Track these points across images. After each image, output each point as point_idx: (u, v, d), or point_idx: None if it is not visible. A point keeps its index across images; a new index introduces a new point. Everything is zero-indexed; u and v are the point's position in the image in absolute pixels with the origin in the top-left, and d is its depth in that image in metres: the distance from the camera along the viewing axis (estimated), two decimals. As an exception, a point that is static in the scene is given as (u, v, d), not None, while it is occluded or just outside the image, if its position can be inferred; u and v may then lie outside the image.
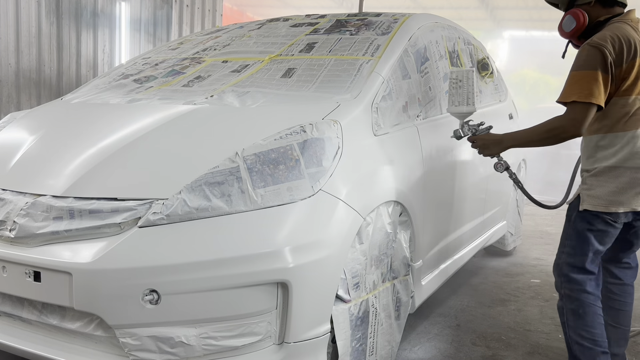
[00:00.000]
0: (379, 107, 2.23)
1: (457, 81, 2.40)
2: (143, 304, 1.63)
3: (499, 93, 3.86)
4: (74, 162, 1.97)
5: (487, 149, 2.33)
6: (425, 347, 2.69)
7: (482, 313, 3.20)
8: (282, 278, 1.68)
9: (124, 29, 5.67)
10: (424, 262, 2.54)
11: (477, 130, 2.39)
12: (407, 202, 2.27)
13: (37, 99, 4.79)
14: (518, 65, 10.33)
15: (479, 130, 2.39)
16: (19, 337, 1.85)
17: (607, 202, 2.09)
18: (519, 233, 4.63)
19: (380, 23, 2.79)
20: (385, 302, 2.17)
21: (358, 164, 2.01)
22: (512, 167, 4.00)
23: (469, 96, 2.38)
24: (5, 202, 1.90)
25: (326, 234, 1.79)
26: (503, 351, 2.70)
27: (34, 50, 4.73)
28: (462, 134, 2.43)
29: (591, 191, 2.12)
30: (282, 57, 2.61)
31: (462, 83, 2.39)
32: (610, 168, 2.09)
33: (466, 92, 2.38)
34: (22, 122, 2.48)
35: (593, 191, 2.11)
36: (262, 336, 1.74)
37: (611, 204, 2.08)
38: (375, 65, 2.38)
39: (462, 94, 2.39)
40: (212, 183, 1.74)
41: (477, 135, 2.37)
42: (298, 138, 1.86)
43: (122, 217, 1.72)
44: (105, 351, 1.75)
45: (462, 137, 2.44)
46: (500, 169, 2.39)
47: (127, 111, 2.32)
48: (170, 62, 2.86)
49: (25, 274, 1.77)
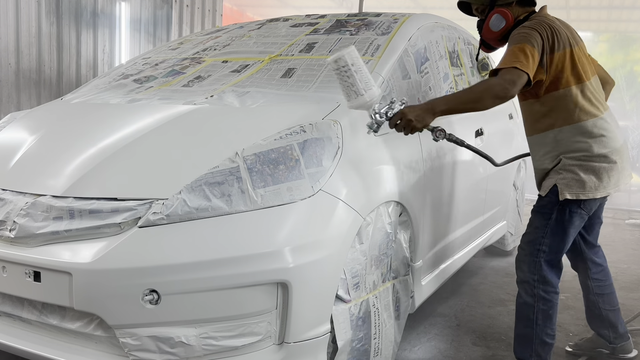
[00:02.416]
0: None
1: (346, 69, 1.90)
2: (143, 304, 1.63)
3: (499, 93, 3.85)
4: (74, 162, 1.97)
5: (420, 121, 1.99)
6: (425, 347, 2.69)
7: (482, 313, 3.20)
8: (282, 278, 1.68)
9: (124, 29, 5.66)
10: (424, 262, 2.54)
11: (392, 110, 2.00)
12: (407, 202, 2.27)
13: (37, 99, 4.78)
14: (517, 66, 10.29)
15: (393, 109, 2.00)
16: (19, 337, 1.85)
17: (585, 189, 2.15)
18: (519, 233, 4.63)
19: (380, 23, 2.79)
20: (385, 302, 2.17)
21: (358, 164, 2.01)
22: (512, 167, 4.02)
23: (366, 80, 1.93)
24: (5, 202, 1.90)
25: (326, 234, 1.79)
26: (503, 351, 2.70)
27: (34, 50, 4.73)
28: (378, 122, 1.99)
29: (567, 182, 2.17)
30: (282, 57, 2.61)
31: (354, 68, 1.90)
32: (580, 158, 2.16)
33: (360, 77, 1.92)
34: (22, 122, 2.48)
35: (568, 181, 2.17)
36: (262, 336, 1.74)
37: (589, 190, 2.15)
38: (375, 65, 2.38)
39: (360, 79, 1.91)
40: (212, 183, 1.74)
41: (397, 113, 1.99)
42: (298, 138, 1.86)
43: (122, 217, 1.72)
44: (105, 351, 1.75)
45: (380, 125, 2.00)
46: (441, 137, 2.10)
47: (127, 111, 2.32)
48: (170, 62, 2.86)
49: (25, 274, 1.77)
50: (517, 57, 2.03)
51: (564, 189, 2.16)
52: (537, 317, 2.24)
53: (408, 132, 2.02)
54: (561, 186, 2.17)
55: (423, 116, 2.00)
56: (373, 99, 1.96)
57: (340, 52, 1.90)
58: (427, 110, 2.02)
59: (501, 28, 2.26)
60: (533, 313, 2.25)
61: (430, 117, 2.02)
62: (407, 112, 1.99)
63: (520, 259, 2.30)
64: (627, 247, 5.32)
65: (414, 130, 2.01)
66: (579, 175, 2.15)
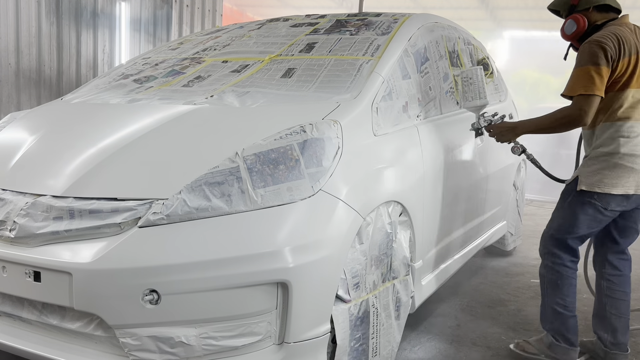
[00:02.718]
0: (379, 107, 2.23)
1: (468, 79, 2.70)
2: (143, 304, 1.63)
3: (499, 93, 3.86)
4: (74, 162, 1.98)
5: (503, 136, 2.56)
6: (425, 347, 2.69)
7: (482, 313, 3.20)
8: (282, 278, 1.68)
9: (124, 29, 5.67)
10: (424, 262, 2.54)
11: (492, 120, 2.65)
12: (407, 202, 2.27)
13: (37, 99, 4.79)
14: (518, 65, 10.31)
15: (494, 120, 2.65)
16: (19, 337, 1.85)
17: (602, 183, 2.31)
18: (519, 233, 4.63)
19: (380, 23, 2.79)
20: (385, 302, 2.17)
21: (358, 164, 2.01)
22: (513, 167, 4.02)
23: (480, 91, 2.67)
24: (5, 202, 1.91)
25: (326, 234, 1.79)
26: (503, 351, 2.70)
27: (34, 50, 4.73)
28: (479, 125, 2.69)
29: (588, 173, 2.34)
30: (282, 57, 2.61)
31: (472, 80, 2.68)
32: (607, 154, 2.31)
33: (477, 87, 2.67)
34: (22, 122, 2.48)
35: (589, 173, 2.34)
36: (262, 336, 1.74)
37: (605, 185, 2.30)
38: (375, 65, 2.38)
39: (474, 89, 2.67)
40: (212, 183, 1.74)
41: (493, 124, 2.63)
42: (298, 138, 1.86)
43: (122, 217, 1.72)
44: (105, 351, 1.75)
45: (480, 128, 2.69)
46: (517, 152, 2.61)
47: (127, 111, 2.32)
48: (170, 62, 2.86)
49: (25, 274, 1.77)
50: (583, 83, 2.22)
51: (583, 180, 2.35)
52: (546, 286, 2.51)
53: (498, 140, 2.60)
54: (581, 177, 2.36)
55: (507, 133, 2.55)
56: (484, 105, 2.70)
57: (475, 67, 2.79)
58: (511, 130, 2.54)
59: (573, 32, 2.45)
60: (543, 282, 2.52)
61: (512, 135, 2.54)
62: (497, 127, 2.59)
63: (542, 235, 2.57)
64: (627, 247, 5.31)
65: (501, 141, 2.60)
66: (598, 170, 2.32)
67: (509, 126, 2.56)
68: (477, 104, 2.68)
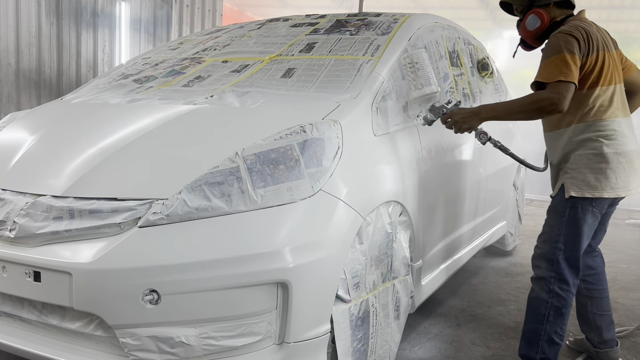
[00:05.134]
0: (379, 107, 2.23)
1: (413, 64, 2.34)
2: (143, 304, 1.63)
3: (499, 93, 3.86)
4: (74, 162, 1.97)
5: (466, 123, 2.25)
6: (425, 347, 2.69)
7: (482, 313, 3.20)
8: (282, 278, 1.68)
9: (124, 29, 5.67)
10: (424, 262, 2.54)
11: (447, 109, 2.32)
12: (407, 202, 2.27)
13: (37, 99, 4.79)
14: (518, 65, 10.31)
15: (448, 108, 2.32)
16: (19, 337, 1.85)
17: (596, 189, 2.16)
18: (519, 233, 4.63)
19: (380, 23, 2.79)
20: (385, 302, 2.17)
21: (358, 164, 2.01)
22: (512, 167, 4.02)
23: (429, 76, 2.33)
24: (5, 202, 1.90)
25: (326, 234, 1.79)
26: (503, 351, 2.70)
27: (34, 50, 4.73)
28: (432, 117, 2.36)
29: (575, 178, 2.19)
30: (282, 57, 2.61)
31: (419, 65, 2.34)
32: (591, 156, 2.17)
33: (426, 72, 2.34)
34: (22, 122, 2.48)
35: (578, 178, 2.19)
36: (262, 336, 1.74)
37: (595, 188, 2.16)
38: (375, 65, 2.38)
39: (421, 75, 2.34)
40: (212, 183, 1.74)
41: (452, 112, 2.30)
42: (298, 138, 1.86)
43: (122, 217, 1.72)
44: (105, 351, 1.75)
45: (433, 120, 2.37)
46: (484, 139, 2.33)
47: (127, 111, 2.32)
48: (170, 62, 2.86)
49: (25, 274, 1.77)
50: (560, 68, 2.07)
51: (570, 187, 2.19)
52: (549, 312, 2.23)
53: (457, 131, 2.28)
54: (567, 184, 2.20)
55: (470, 119, 2.24)
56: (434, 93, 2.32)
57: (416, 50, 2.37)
58: (474, 115, 2.24)
59: (536, 28, 2.33)
60: (546, 308, 2.24)
61: (476, 121, 2.24)
62: (456, 113, 2.27)
63: (537, 257, 2.31)
64: (627, 247, 5.32)
65: (461, 130, 2.27)
66: (585, 173, 2.18)
67: (472, 111, 2.25)
68: (426, 91, 2.32)
